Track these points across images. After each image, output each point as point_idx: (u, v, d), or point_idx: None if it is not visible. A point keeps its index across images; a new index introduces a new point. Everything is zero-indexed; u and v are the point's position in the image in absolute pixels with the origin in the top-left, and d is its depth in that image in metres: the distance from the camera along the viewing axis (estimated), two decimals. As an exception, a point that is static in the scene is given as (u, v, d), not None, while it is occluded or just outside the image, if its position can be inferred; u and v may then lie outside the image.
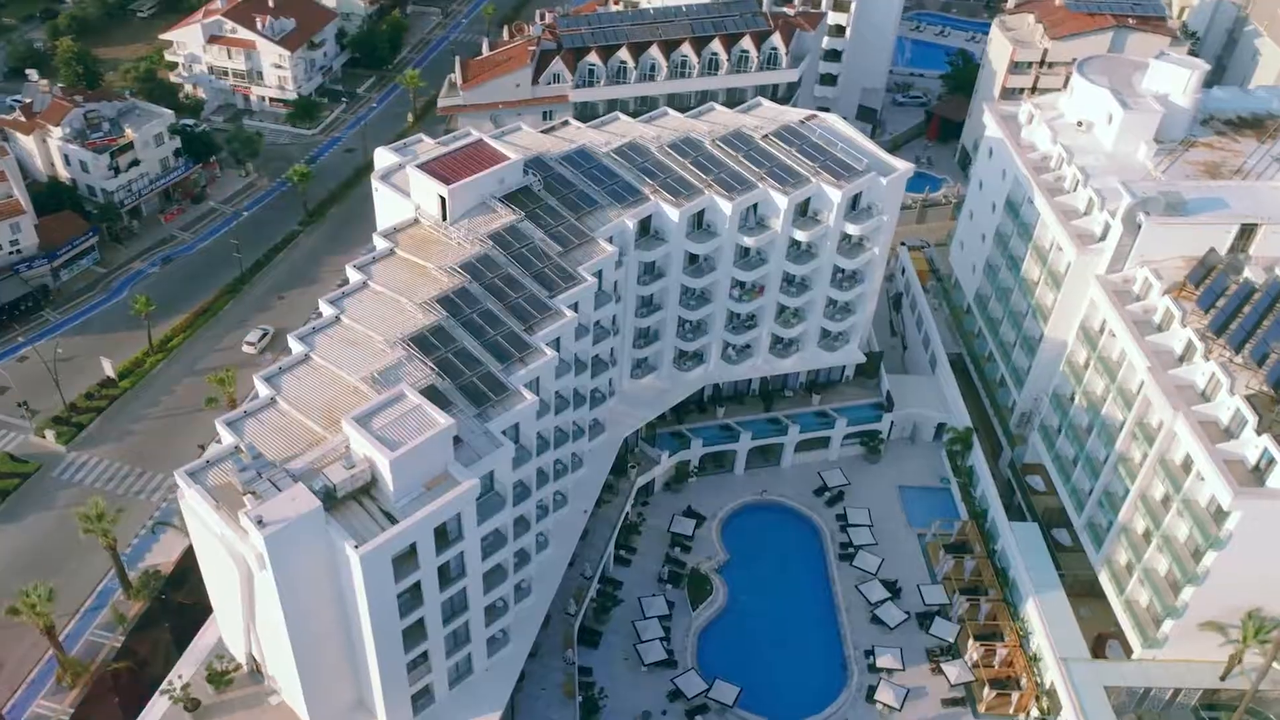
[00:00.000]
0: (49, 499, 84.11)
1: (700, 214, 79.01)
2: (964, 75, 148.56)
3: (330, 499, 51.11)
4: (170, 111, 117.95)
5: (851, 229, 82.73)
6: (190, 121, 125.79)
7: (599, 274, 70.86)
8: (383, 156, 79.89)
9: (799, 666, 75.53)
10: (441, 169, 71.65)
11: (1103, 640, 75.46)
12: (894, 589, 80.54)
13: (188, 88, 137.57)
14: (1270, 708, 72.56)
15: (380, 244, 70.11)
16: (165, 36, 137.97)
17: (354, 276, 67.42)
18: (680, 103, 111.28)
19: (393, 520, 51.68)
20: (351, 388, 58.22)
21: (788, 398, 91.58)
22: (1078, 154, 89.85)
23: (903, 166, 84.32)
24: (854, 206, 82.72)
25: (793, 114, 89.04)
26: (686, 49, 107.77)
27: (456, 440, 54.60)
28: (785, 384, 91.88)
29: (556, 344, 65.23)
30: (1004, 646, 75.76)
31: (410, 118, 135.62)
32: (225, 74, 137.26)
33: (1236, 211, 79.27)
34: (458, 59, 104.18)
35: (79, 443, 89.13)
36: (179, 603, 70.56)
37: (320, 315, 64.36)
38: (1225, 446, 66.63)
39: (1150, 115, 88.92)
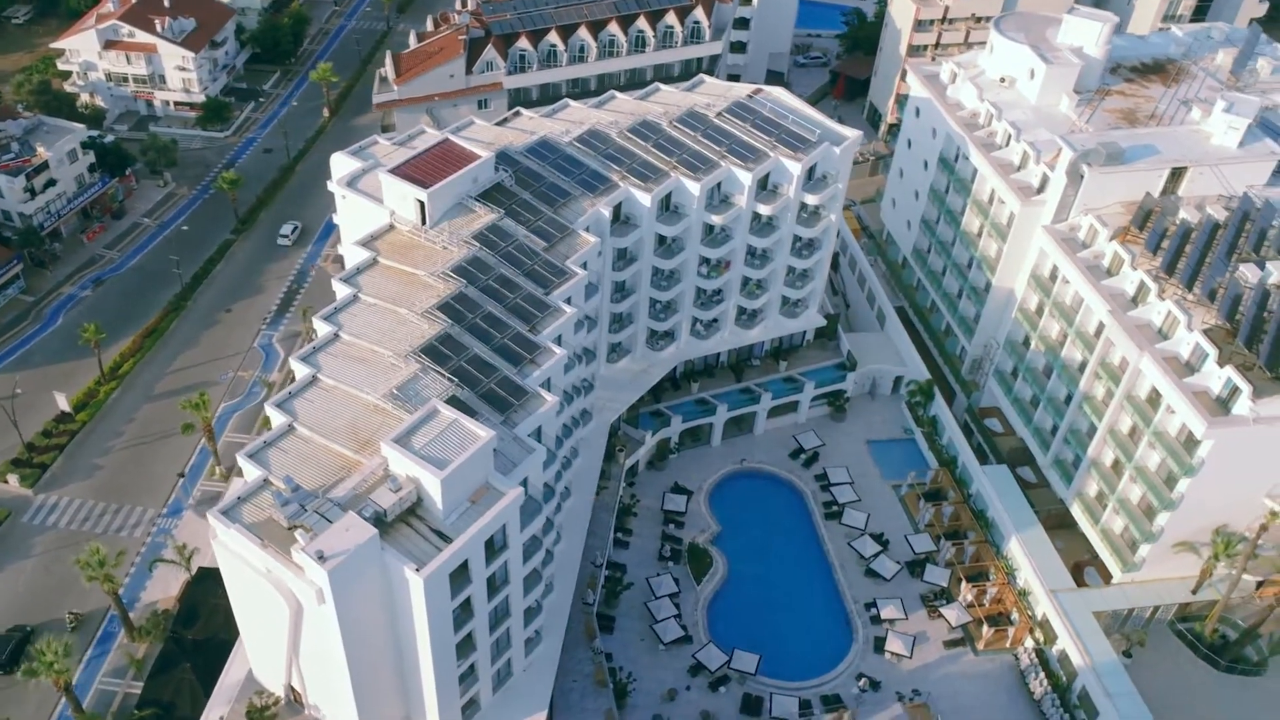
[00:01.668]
0: (25, 547, 79.13)
1: (668, 196, 78.46)
2: (860, 33, 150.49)
3: (380, 524, 49.42)
4: (81, 125, 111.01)
5: (810, 199, 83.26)
6: (95, 133, 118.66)
7: (584, 265, 69.92)
8: (340, 162, 76.80)
9: (806, 627, 76.59)
10: (416, 172, 69.22)
11: (1080, 569, 78.68)
12: (882, 542, 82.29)
13: (84, 97, 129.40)
14: (1234, 613, 76.90)
15: (361, 254, 67.55)
16: (57, 44, 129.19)
17: (342, 290, 64.79)
18: (611, 82, 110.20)
19: (445, 538, 50.27)
20: (372, 406, 56.23)
21: (755, 367, 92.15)
22: (1006, 109, 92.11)
23: (851, 134, 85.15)
24: (810, 177, 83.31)
25: (739, 89, 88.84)
26: (614, 28, 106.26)
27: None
28: (752, 353, 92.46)
29: (558, 340, 64.24)
30: (993, 585, 78.37)
31: (325, 112, 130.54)
32: (125, 80, 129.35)
33: (1167, 156, 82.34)
34: (389, 53, 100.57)
35: (45, 484, 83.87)
36: (193, 639, 67.32)
37: (300, 330, 61.81)
38: (1190, 380, 69.84)
39: (1070, 68, 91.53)
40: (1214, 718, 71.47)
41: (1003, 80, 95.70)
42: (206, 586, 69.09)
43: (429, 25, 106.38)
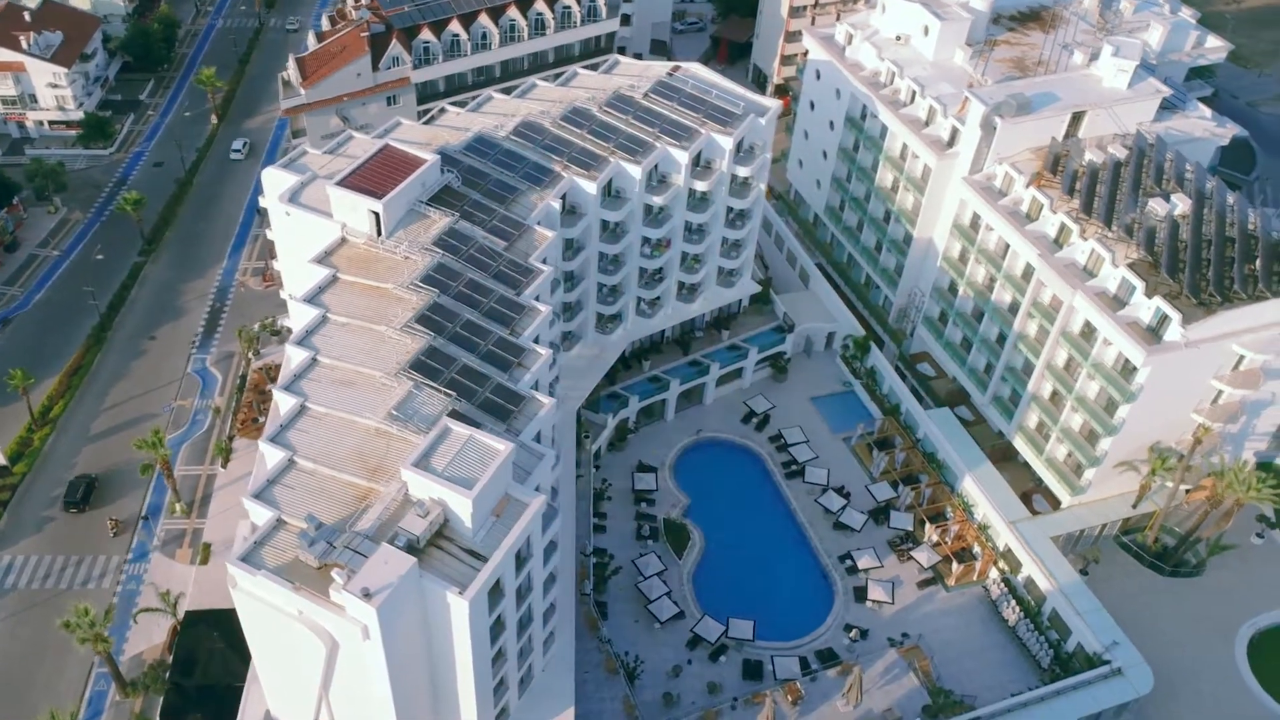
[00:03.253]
0: (-13, 615, 73.30)
1: (610, 182, 77.21)
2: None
3: (414, 551, 47.63)
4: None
5: (741, 171, 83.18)
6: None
7: (544, 260, 68.37)
8: (274, 177, 73.00)
9: (787, 587, 77.60)
10: (365, 182, 66.03)
11: (1028, 498, 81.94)
12: (845, 494, 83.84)
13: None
14: (1168, 521, 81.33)
15: (319, 272, 64.38)
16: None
17: (307, 311, 61.74)
18: (515, 67, 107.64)
19: (477, 556, 48.75)
20: (373, 430, 53.89)
21: (699, 338, 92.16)
22: (906, 67, 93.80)
23: (772, 104, 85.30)
24: (739, 150, 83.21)
25: (657, 68, 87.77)
26: (514, 13, 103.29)
27: (504, 461, 51.92)
28: (694, 326, 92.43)
29: (537, 339, 62.78)
30: (953, 523, 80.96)
31: (213, 118, 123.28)
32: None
33: (1068, 102, 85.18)
34: (292, 57, 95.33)
35: (-6, 545, 77.92)
36: (197, 687, 63.63)
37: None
38: (1122, 314, 73.03)
39: (962, 22, 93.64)
40: (1166, 618, 75.74)
41: (898, 38, 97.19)
42: (198, 631, 65.34)
43: (324, 23, 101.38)
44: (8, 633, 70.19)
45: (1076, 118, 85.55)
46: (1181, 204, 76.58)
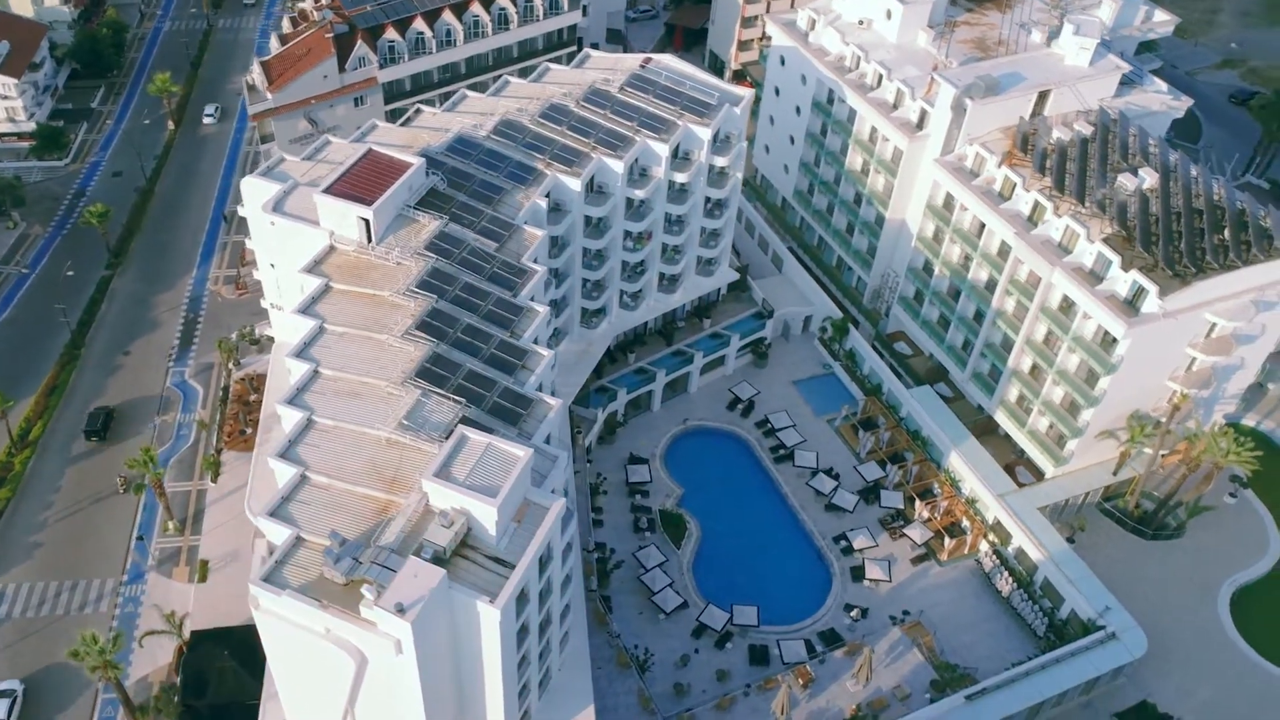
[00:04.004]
0: (-18, 647, 70.56)
1: (593, 178, 76.47)
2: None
3: (440, 562, 46.93)
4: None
5: (718, 161, 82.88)
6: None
7: (535, 260, 67.61)
8: (254, 186, 71.26)
9: (784, 571, 77.96)
10: (352, 189, 64.58)
11: (1011, 470, 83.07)
12: (834, 476, 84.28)
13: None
14: (1146, 485, 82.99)
15: (311, 282, 63.01)
16: None
17: (303, 323, 60.37)
18: (480, 63, 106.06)
19: (502, 563, 48.15)
20: (384, 441, 52.94)
21: (681, 328, 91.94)
22: (871, 51, 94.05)
23: (746, 94, 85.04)
24: (716, 139, 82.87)
25: (629, 61, 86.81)
26: (477, 8, 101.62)
27: (519, 466, 51.30)
28: (676, 316, 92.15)
29: (536, 340, 62.12)
30: (942, 499, 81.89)
31: (170, 124, 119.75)
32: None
33: (1034, 81, 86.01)
34: (257, 61, 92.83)
35: (-16, 575, 74.70)
36: (210, 707, 62.10)
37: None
38: (1100, 288, 74.14)
39: (924, 5, 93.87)
40: (1151, 581, 77.38)
41: (861, 23, 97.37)
42: (205, 651, 63.72)
43: (286, 25, 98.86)
44: (7, 664, 67.80)
45: (1042, 96, 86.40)
46: (1149, 178, 77.79)
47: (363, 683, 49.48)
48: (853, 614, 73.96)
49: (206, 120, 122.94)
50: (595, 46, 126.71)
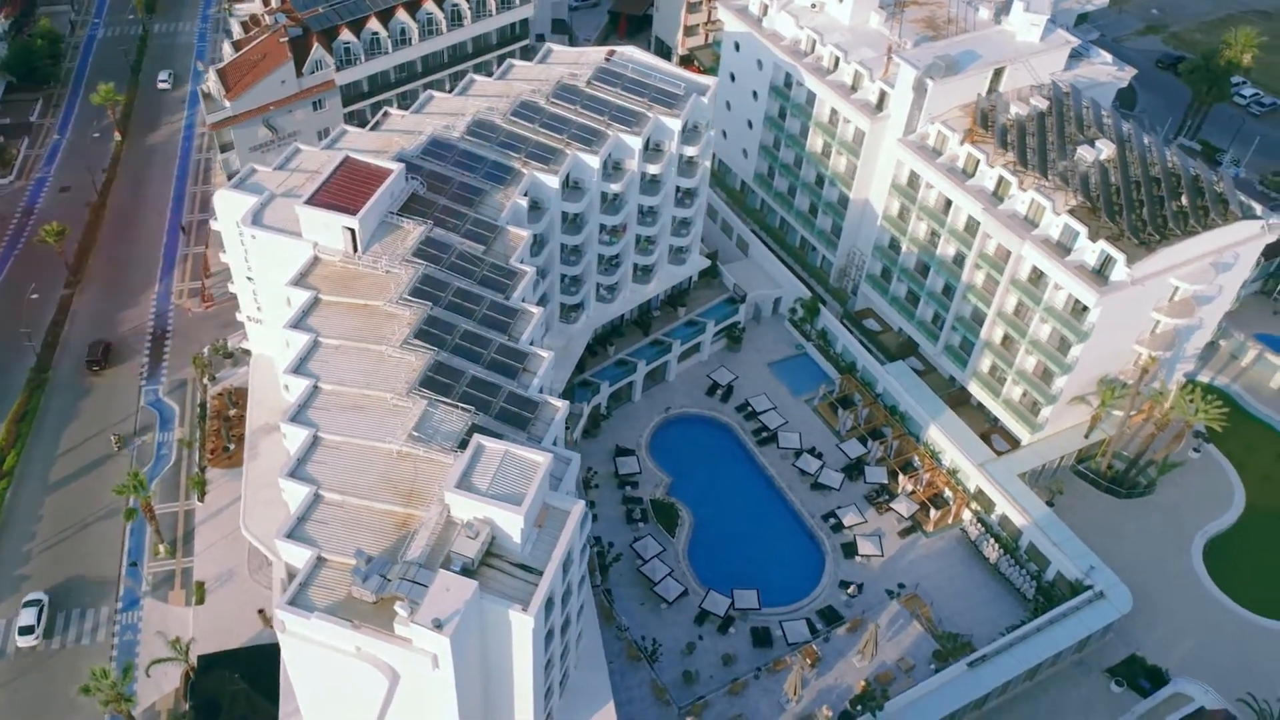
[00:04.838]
0: (-15, 686, 67.39)
1: (569, 174, 75.71)
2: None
3: (469, 574, 46.36)
4: None
5: (688, 150, 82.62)
6: None
7: (522, 260, 66.82)
8: (228, 199, 69.44)
9: (777, 552, 78.44)
10: (335, 199, 63.13)
11: (986, 438, 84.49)
12: (817, 455, 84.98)
13: None
14: (1115, 446, 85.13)
15: (299, 295, 61.54)
16: None
17: (296, 337, 59.01)
18: (435, 61, 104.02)
19: (528, 569, 47.73)
20: (396, 454, 52.01)
21: (657, 317, 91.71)
22: (825, 34, 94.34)
23: (711, 82, 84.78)
24: (685, 129, 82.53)
25: (593, 55, 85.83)
26: (430, 6, 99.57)
27: (532, 471, 50.76)
28: (651, 306, 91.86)
29: (532, 341, 61.47)
30: (924, 471, 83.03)
31: (117, 134, 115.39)
32: None
33: (990, 59, 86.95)
34: (212, 69, 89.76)
35: (-29, 613, 71.31)
36: (227, 730, 60.93)
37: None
38: (1069, 259, 75.55)
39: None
40: (1129, 538, 79.40)
41: (814, 5, 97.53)
42: (214, 674, 62.13)
43: (237, 29, 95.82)
44: (7, 701, 65.19)
45: (997, 73, 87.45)
46: (1106, 149, 79.20)
47: (394, 699, 48.79)
48: (849, 590, 74.74)
49: (161, 86, 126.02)
50: (541, 38, 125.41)
